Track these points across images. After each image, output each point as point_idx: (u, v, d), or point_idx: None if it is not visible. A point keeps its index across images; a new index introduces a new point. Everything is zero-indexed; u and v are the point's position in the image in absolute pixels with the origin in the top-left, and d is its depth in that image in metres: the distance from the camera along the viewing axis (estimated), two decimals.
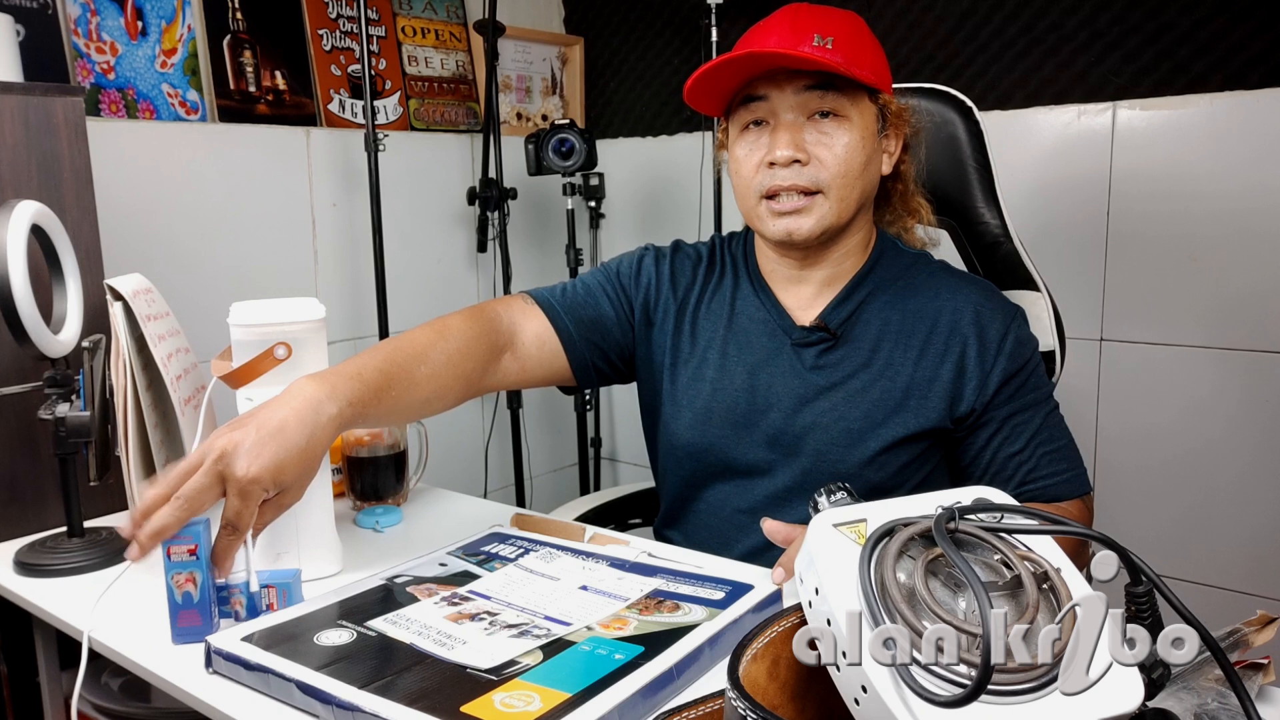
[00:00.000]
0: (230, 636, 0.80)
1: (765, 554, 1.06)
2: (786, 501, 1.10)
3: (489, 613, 0.86)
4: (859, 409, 1.07)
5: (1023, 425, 1.07)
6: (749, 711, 0.54)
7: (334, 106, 2.12)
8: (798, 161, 1.03)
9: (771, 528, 0.96)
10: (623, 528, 1.44)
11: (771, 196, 1.05)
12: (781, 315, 1.13)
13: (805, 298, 1.13)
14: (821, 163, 1.03)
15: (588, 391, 2.54)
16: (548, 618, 0.84)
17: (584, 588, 0.91)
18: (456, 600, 0.89)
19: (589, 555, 1.00)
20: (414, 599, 0.89)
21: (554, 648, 0.78)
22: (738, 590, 0.89)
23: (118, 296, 1.06)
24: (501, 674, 0.73)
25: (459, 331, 1.05)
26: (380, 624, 0.83)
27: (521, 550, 1.01)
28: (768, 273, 1.16)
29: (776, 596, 0.89)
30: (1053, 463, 1.08)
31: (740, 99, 1.06)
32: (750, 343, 1.13)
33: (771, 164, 1.04)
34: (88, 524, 1.13)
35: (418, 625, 0.83)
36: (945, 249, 1.28)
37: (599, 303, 1.17)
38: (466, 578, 0.94)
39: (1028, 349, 1.09)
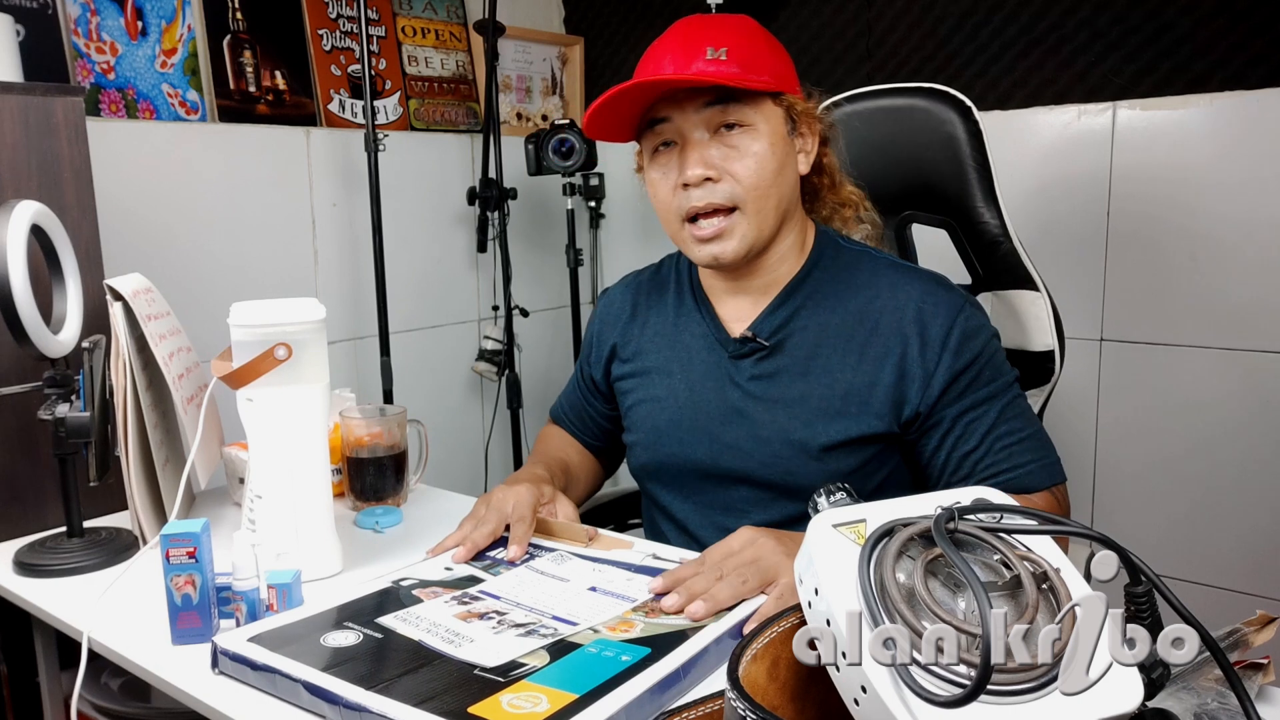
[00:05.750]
0: (237, 637, 0.80)
1: None
2: (743, 512, 1.09)
3: (498, 612, 0.86)
4: (799, 418, 1.05)
5: (976, 421, 1.02)
6: (748, 712, 0.54)
7: (334, 106, 2.11)
8: (710, 180, 1.01)
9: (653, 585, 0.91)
10: (622, 528, 1.44)
11: (693, 220, 1.04)
12: (718, 328, 1.12)
13: (743, 308, 1.11)
14: (734, 177, 1.01)
15: None
16: (555, 617, 0.85)
17: (593, 589, 0.92)
18: (466, 600, 0.89)
19: (599, 560, 1.00)
20: (419, 602, 0.89)
21: (561, 649, 0.78)
22: None
23: (118, 296, 1.06)
24: (509, 675, 0.73)
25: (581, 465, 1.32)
26: (389, 620, 0.83)
27: (528, 555, 1.01)
28: (708, 286, 1.15)
29: None
30: (1015, 455, 1.02)
31: (646, 123, 1.05)
32: (691, 359, 1.13)
33: (685, 185, 1.02)
34: (87, 524, 1.13)
35: (426, 622, 0.83)
36: (944, 248, 1.28)
37: (588, 399, 1.30)
38: (472, 582, 0.94)
39: (977, 342, 1.03)
